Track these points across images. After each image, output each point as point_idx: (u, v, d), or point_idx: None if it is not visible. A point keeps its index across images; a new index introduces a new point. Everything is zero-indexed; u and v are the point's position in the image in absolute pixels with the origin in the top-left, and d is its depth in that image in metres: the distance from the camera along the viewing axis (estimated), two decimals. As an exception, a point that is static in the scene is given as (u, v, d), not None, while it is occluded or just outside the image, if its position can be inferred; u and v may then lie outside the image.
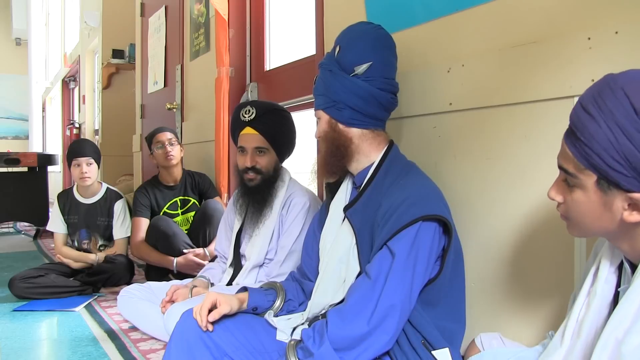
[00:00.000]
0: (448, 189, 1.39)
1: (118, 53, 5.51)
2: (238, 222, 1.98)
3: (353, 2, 1.85)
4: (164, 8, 3.84)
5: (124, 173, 5.42)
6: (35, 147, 9.85)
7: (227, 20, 2.75)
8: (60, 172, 8.40)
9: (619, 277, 0.89)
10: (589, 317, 0.87)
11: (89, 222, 2.94)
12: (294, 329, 1.34)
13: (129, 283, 2.72)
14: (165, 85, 3.86)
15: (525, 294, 1.31)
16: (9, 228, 5.82)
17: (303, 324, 1.35)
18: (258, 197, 1.84)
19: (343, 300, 1.24)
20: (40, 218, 4.87)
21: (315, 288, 1.35)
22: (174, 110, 3.55)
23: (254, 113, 1.82)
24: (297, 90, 2.43)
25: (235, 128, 1.90)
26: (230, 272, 1.96)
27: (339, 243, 1.33)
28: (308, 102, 2.36)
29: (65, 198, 2.99)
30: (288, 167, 2.00)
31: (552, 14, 1.24)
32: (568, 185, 0.86)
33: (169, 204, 2.84)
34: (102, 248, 2.96)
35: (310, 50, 2.28)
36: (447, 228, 1.20)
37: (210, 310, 1.24)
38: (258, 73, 2.85)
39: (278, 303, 1.39)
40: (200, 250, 2.63)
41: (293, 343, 1.16)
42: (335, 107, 1.33)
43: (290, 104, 2.47)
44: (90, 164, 2.85)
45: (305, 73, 2.35)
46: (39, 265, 2.90)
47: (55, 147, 9.13)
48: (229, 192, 2.81)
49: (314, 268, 1.44)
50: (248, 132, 1.84)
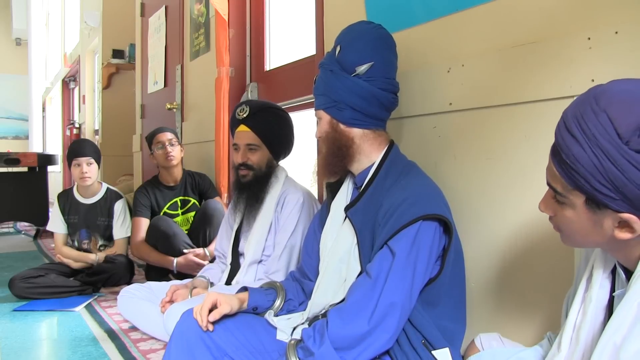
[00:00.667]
0: (448, 189, 1.39)
1: (118, 53, 5.51)
2: (237, 220, 2.01)
3: (353, 2, 1.86)
4: (164, 8, 3.84)
5: (124, 173, 5.42)
6: (35, 147, 9.85)
7: (227, 20, 2.75)
8: (60, 172, 8.40)
9: (613, 281, 0.89)
10: (586, 323, 0.87)
11: (89, 222, 2.94)
12: (294, 329, 1.34)
13: (129, 283, 2.73)
14: (165, 85, 3.86)
15: (525, 294, 1.31)
16: (9, 228, 5.82)
17: (303, 324, 1.35)
18: (249, 192, 1.88)
19: (343, 300, 1.24)
20: (40, 218, 4.87)
21: (316, 288, 1.35)
22: (174, 110, 3.55)
23: (248, 111, 1.88)
24: (297, 90, 2.43)
25: (232, 126, 1.96)
26: (228, 270, 1.97)
27: (340, 243, 1.34)
28: (308, 102, 2.36)
29: (65, 198, 2.99)
30: (289, 167, 2.01)
31: (552, 14, 1.24)
32: (558, 202, 0.85)
33: (169, 204, 2.84)
34: (102, 248, 2.96)
35: (310, 50, 2.28)
36: (447, 228, 1.20)
37: (211, 310, 1.24)
38: (258, 73, 2.85)
39: (278, 303, 1.39)
40: (200, 251, 2.63)
41: (293, 343, 1.16)
42: (336, 107, 1.33)
43: (290, 104, 2.47)
44: (91, 164, 2.85)
45: (305, 73, 2.35)
46: (39, 265, 2.90)
47: (55, 147, 9.14)
48: (229, 192, 2.81)
49: (314, 268, 1.44)
50: (241, 129, 1.90)
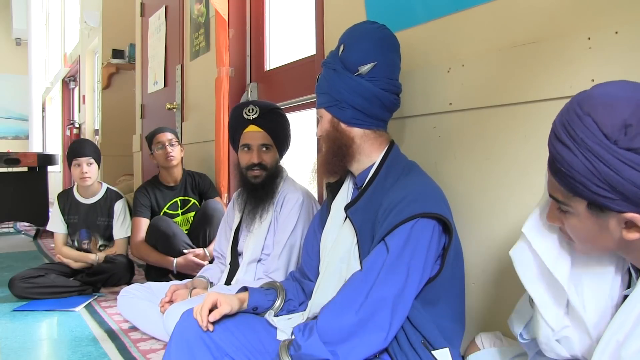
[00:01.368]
0: (448, 189, 1.39)
1: (118, 53, 5.51)
2: (237, 219, 2.01)
3: (353, 2, 1.86)
4: (164, 8, 3.84)
5: (124, 173, 5.42)
6: (35, 147, 9.85)
7: (227, 20, 2.75)
8: (60, 172, 8.40)
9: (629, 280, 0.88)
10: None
11: (89, 222, 2.94)
12: (294, 328, 1.34)
13: (129, 283, 2.73)
14: (165, 85, 3.86)
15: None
16: (9, 228, 5.82)
17: (303, 324, 1.35)
18: (262, 192, 1.88)
19: None
20: (40, 218, 4.87)
21: (316, 288, 1.35)
22: (174, 110, 3.55)
23: (258, 111, 1.89)
24: (297, 90, 2.43)
25: (238, 127, 1.93)
26: (228, 270, 1.97)
27: (340, 242, 1.33)
28: (308, 102, 2.36)
29: (65, 198, 2.99)
30: (288, 167, 2.02)
31: (552, 14, 1.24)
32: (562, 212, 0.85)
33: (169, 204, 2.84)
34: (102, 248, 2.96)
35: (310, 50, 2.28)
36: (447, 227, 1.20)
37: (211, 310, 1.24)
38: (258, 73, 2.85)
39: (278, 303, 1.39)
40: (200, 251, 2.63)
41: (286, 343, 1.16)
42: (338, 106, 1.33)
43: (290, 104, 2.47)
44: (91, 164, 2.85)
45: (305, 73, 2.35)
46: (39, 265, 2.90)
47: (55, 147, 9.14)
48: (229, 192, 2.82)
49: (315, 268, 1.44)
50: (253, 129, 1.89)
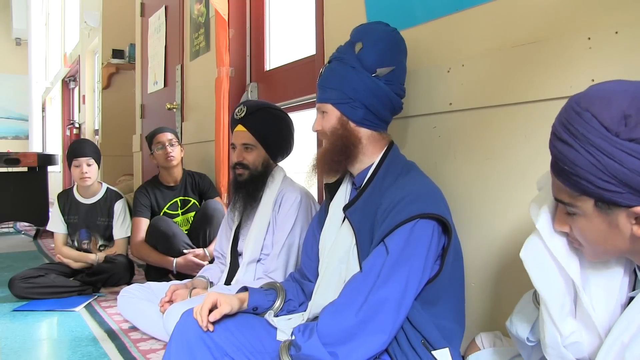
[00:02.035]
0: (448, 189, 1.39)
1: (118, 53, 5.51)
2: (236, 220, 2.02)
3: (353, 2, 1.86)
4: (164, 8, 3.84)
5: (124, 173, 5.42)
6: (35, 147, 9.84)
7: (227, 20, 2.75)
8: (60, 172, 8.40)
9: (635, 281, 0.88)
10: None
11: (89, 222, 2.94)
12: (294, 328, 1.34)
13: (129, 283, 2.73)
14: (165, 85, 3.86)
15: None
16: (9, 228, 5.82)
17: (303, 324, 1.35)
18: (245, 191, 1.90)
19: None
20: (40, 218, 4.87)
21: (316, 289, 1.35)
22: (174, 110, 3.55)
23: (245, 111, 1.89)
24: (297, 90, 2.43)
25: (231, 126, 1.98)
26: (227, 270, 1.97)
27: (339, 243, 1.33)
28: (308, 102, 2.36)
29: (65, 198, 2.99)
30: (287, 167, 2.02)
31: (552, 14, 1.24)
32: (570, 215, 0.84)
33: (169, 204, 2.84)
34: (102, 248, 2.96)
35: (310, 50, 2.28)
36: (446, 227, 1.20)
37: (211, 310, 1.24)
38: (258, 73, 2.85)
39: (278, 303, 1.39)
40: (200, 251, 2.63)
41: (287, 343, 1.16)
42: (350, 104, 1.31)
43: (290, 104, 2.47)
44: (91, 164, 2.85)
45: (305, 73, 2.35)
46: (39, 265, 2.90)
47: (55, 147, 9.14)
48: (229, 192, 2.81)
49: (314, 269, 1.44)
50: (239, 129, 1.91)
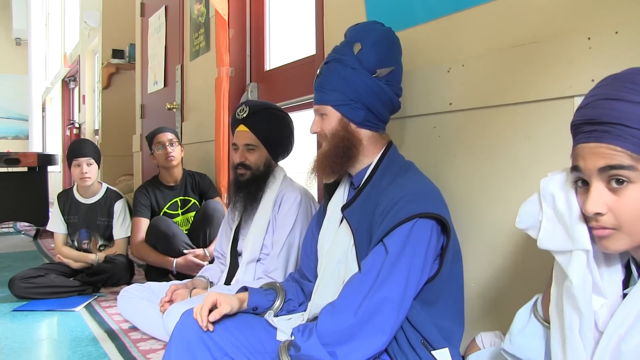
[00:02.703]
0: (448, 189, 1.39)
1: (118, 53, 5.51)
2: (236, 220, 2.02)
3: (353, 2, 1.86)
4: (164, 8, 3.84)
5: (124, 173, 5.42)
6: (35, 147, 9.85)
7: (227, 20, 2.75)
8: (60, 172, 8.40)
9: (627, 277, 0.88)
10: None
11: (89, 222, 2.94)
12: (293, 329, 1.34)
13: (129, 283, 2.73)
14: (165, 85, 3.86)
15: (526, 294, 1.30)
16: (9, 228, 5.82)
17: (303, 324, 1.35)
18: (246, 191, 1.90)
19: None
20: (40, 218, 4.87)
21: (315, 289, 1.35)
22: (174, 110, 3.55)
23: (247, 111, 1.89)
24: (297, 90, 2.43)
25: (232, 126, 1.97)
26: (227, 270, 1.97)
27: (338, 244, 1.33)
28: (308, 102, 2.36)
29: (65, 198, 2.99)
30: (287, 167, 2.02)
31: (552, 14, 1.24)
32: (614, 188, 0.79)
33: (169, 204, 2.84)
34: (102, 248, 2.96)
35: (310, 50, 2.28)
36: (445, 227, 1.20)
37: (211, 310, 1.24)
38: (258, 73, 2.85)
39: (278, 303, 1.39)
40: (200, 251, 2.63)
41: (286, 344, 1.16)
42: (351, 106, 1.31)
43: (290, 104, 2.47)
44: (91, 164, 2.85)
45: (305, 73, 2.35)
46: (39, 265, 2.90)
47: (55, 147, 9.14)
48: (229, 191, 2.81)
49: (313, 269, 1.44)
50: (241, 129, 1.91)
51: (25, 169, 4.94)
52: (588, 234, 0.84)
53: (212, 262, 2.27)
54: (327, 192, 1.45)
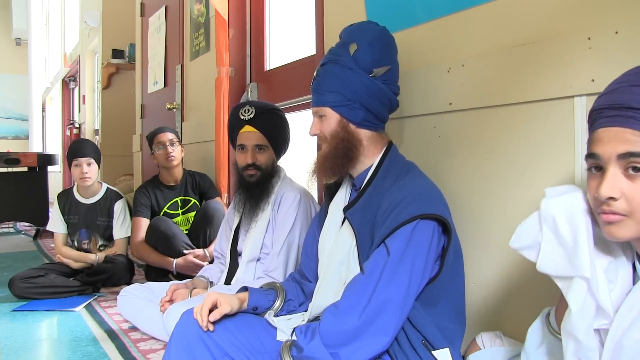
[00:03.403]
0: (448, 189, 1.39)
1: (118, 53, 5.51)
2: (236, 219, 2.02)
3: (353, 2, 1.86)
4: (164, 8, 3.84)
5: (124, 173, 5.42)
6: (35, 147, 9.85)
7: (227, 20, 2.75)
8: (60, 172, 8.40)
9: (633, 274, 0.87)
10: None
11: (89, 222, 2.94)
12: (294, 330, 1.34)
13: (129, 283, 2.73)
14: (165, 85, 3.86)
15: (526, 293, 1.31)
16: (9, 228, 5.82)
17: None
18: (257, 191, 1.89)
19: None
20: (40, 218, 4.87)
21: (316, 290, 1.35)
22: (174, 110, 3.55)
23: (254, 112, 1.89)
24: (297, 90, 2.43)
25: (234, 127, 1.95)
26: (227, 269, 1.98)
27: (339, 245, 1.33)
28: (308, 102, 2.35)
29: (65, 198, 2.99)
30: (287, 167, 2.02)
31: (552, 14, 1.24)
32: (630, 175, 0.78)
33: (170, 204, 2.84)
34: (102, 248, 2.96)
35: (310, 50, 2.28)
36: (446, 227, 1.20)
37: (211, 310, 1.24)
38: (258, 73, 2.85)
39: (278, 303, 1.39)
40: (200, 251, 2.63)
41: (289, 344, 1.16)
42: (350, 106, 1.31)
43: (290, 104, 2.47)
44: (91, 164, 2.85)
45: (305, 73, 2.35)
46: (39, 265, 2.90)
47: (55, 147, 9.14)
48: (229, 192, 2.82)
49: (313, 270, 1.44)
50: (248, 130, 1.89)
51: (25, 169, 4.94)
52: (589, 261, 0.83)
53: (212, 262, 2.27)
54: (328, 193, 1.45)
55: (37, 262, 3.52)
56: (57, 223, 2.96)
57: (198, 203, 2.89)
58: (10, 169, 4.90)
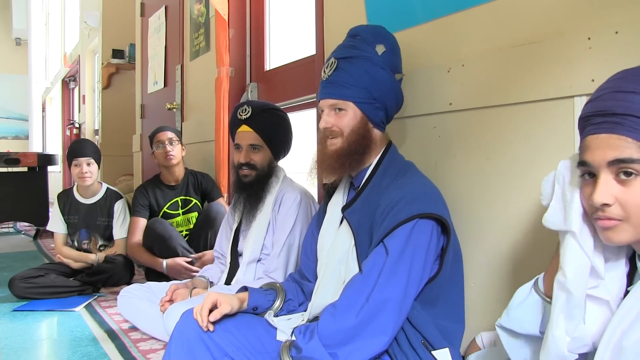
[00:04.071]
0: (448, 189, 1.39)
1: (118, 53, 5.50)
2: (236, 220, 2.02)
3: (353, 2, 1.85)
4: (164, 8, 3.84)
5: (124, 173, 5.41)
6: (35, 147, 9.85)
7: (227, 20, 2.75)
8: (60, 172, 8.40)
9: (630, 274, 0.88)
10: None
11: (89, 222, 2.95)
12: (294, 330, 1.34)
13: (129, 283, 2.73)
14: (165, 85, 3.86)
15: (525, 294, 1.31)
16: (9, 228, 5.82)
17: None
18: (251, 192, 1.89)
19: None
20: (40, 218, 4.88)
21: (315, 289, 1.35)
22: (174, 110, 3.55)
23: (250, 112, 1.89)
24: (297, 90, 2.43)
25: (233, 126, 1.96)
26: (227, 270, 1.98)
27: (338, 244, 1.33)
28: (308, 102, 2.36)
29: (65, 198, 2.99)
30: (287, 167, 2.02)
31: (552, 14, 1.24)
32: (622, 180, 0.79)
33: (170, 204, 2.84)
34: (102, 248, 2.96)
35: (310, 50, 2.28)
36: (445, 227, 1.20)
37: (211, 310, 1.24)
38: (258, 73, 2.85)
39: (278, 303, 1.39)
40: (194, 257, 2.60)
41: (288, 344, 1.16)
42: (373, 105, 1.30)
43: (290, 104, 2.47)
44: (90, 164, 2.85)
45: (305, 73, 2.35)
46: (39, 265, 2.91)
47: (55, 147, 9.14)
48: (229, 192, 2.82)
49: (313, 269, 1.44)
50: (244, 129, 1.90)
51: (25, 169, 4.94)
52: (579, 219, 0.86)
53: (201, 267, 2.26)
54: (326, 192, 1.45)
55: (37, 262, 3.52)
56: (57, 223, 2.96)
57: (199, 203, 2.88)
58: (10, 169, 4.91)
